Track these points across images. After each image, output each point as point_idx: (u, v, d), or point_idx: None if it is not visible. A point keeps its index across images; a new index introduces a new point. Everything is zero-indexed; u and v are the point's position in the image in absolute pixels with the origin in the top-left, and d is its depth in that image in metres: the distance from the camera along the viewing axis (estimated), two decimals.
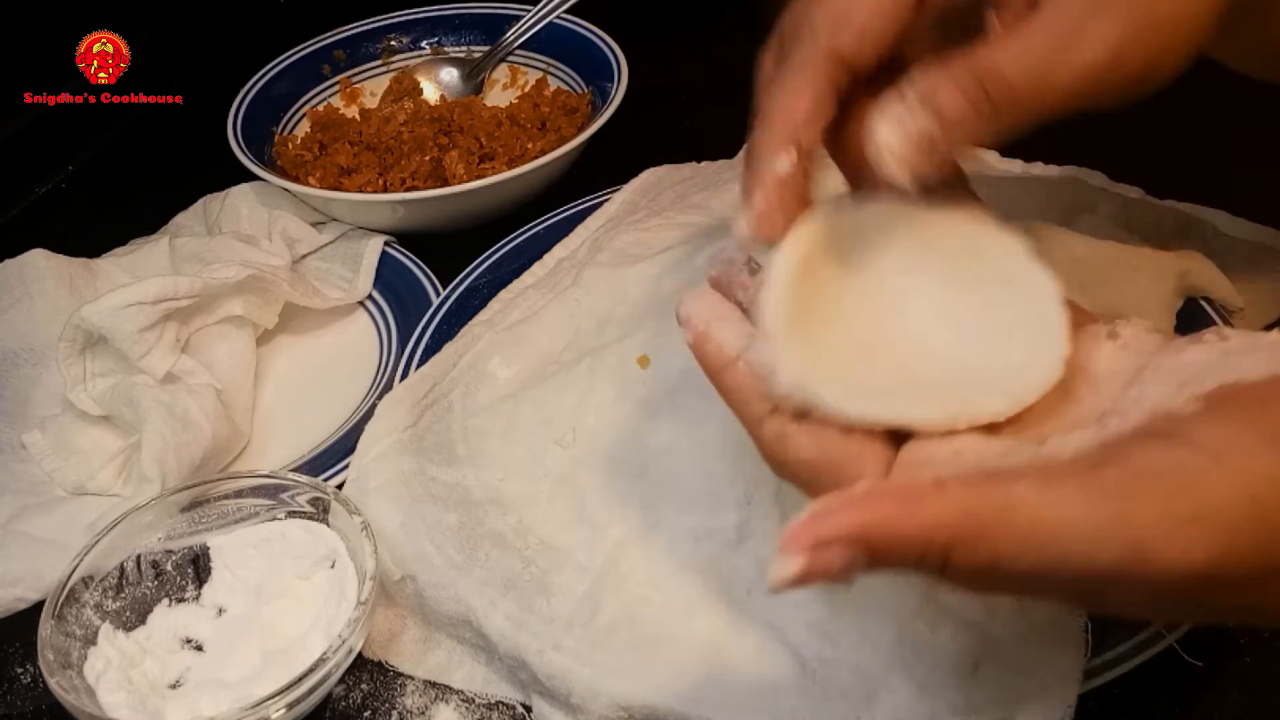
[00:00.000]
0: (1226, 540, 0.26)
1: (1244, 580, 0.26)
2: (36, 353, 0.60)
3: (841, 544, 0.26)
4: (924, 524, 0.26)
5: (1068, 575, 0.26)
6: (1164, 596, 0.28)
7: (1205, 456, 0.26)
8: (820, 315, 0.32)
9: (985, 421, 0.30)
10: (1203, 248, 0.59)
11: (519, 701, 0.44)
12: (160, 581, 0.47)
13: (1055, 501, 0.26)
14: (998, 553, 0.26)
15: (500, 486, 0.48)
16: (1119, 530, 0.26)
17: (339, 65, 0.80)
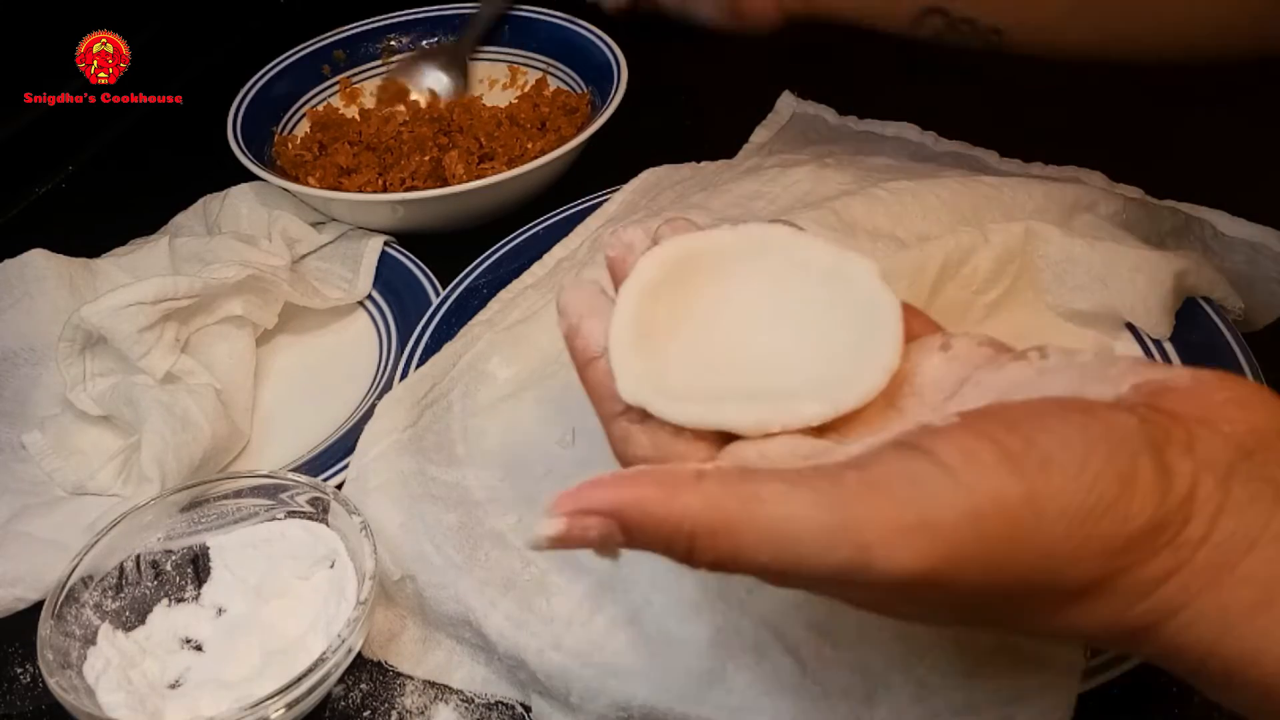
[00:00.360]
0: (946, 552, 0.26)
1: (966, 590, 0.27)
2: (36, 353, 0.60)
3: (599, 516, 0.28)
4: (674, 510, 0.28)
5: (804, 572, 0.28)
6: (892, 598, 0.29)
7: (940, 469, 0.27)
8: (665, 330, 0.35)
9: (801, 426, 0.32)
10: (1202, 248, 0.59)
11: (518, 701, 0.44)
12: (160, 581, 0.47)
13: (796, 501, 0.27)
14: (738, 545, 0.28)
15: (500, 486, 0.48)
16: (847, 534, 0.27)
17: (339, 65, 0.80)
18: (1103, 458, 0.27)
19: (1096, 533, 0.27)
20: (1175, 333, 0.52)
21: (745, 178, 0.63)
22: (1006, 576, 0.27)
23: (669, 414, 0.32)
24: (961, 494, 0.27)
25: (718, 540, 0.28)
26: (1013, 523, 0.26)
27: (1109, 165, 0.66)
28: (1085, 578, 0.27)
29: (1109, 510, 0.27)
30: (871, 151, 0.70)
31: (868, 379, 0.32)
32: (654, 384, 0.33)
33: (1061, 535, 0.26)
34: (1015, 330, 0.52)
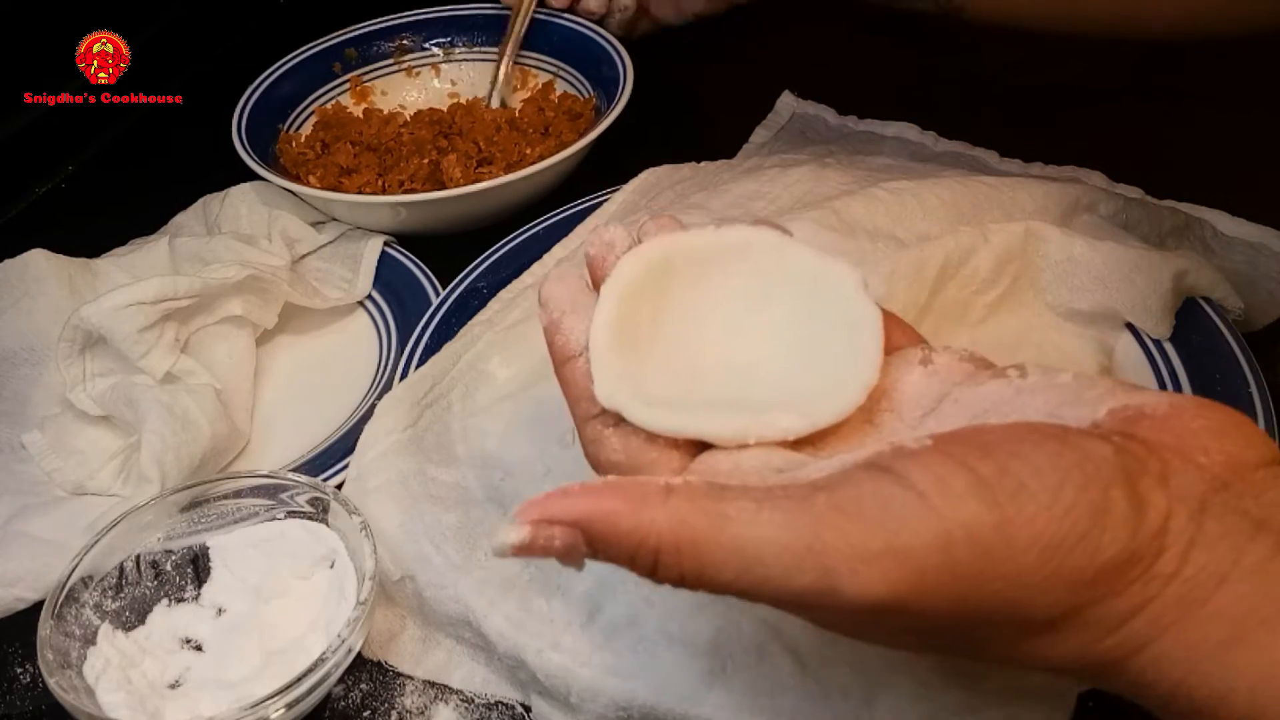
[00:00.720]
0: (913, 579, 0.26)
1: (934, 618, 0.27)
2: (36, 353, 0.60)
3: (564, 526, 0.28)
4: (640, 525, 0.28)
5: (769, 593, 0.27)
6: (859, 623, 0.29)
7: (911, 494, 0.27)
8: (645, 334, 0.34)
9: (776, 438, 0.31)
10: (1202, 248, 0.59)
11: (518, 701, 0.44)
12: (160, 581, 0.47)
13: (764, 521, 0.27)
14: (702, 563, 0.27)
15: (500, 486, 0.48)
16: (813, 557, 0.26)
17: (350, 63, 0.80)
18: (1076, 488, 0.27)
19: (1067, 564, 0.26)
20: (1175, 333, 0.52)
21: (745, 178, 0.63)
22: (975, 605, 0.27)
23: (644, 420, 0.32)
24: (932, 520, 0.26)
25: (682, 557, 0.28)
26: (983, 551, 0.26)
27: (1109, 165, 0.66)
28: (1054, 609, 0.27)
29: (1081, 541, 0.26)
30: (871, 151, 0.70)
31: (845, 395, 0.32)
32: (631, 388, 0.32)
33: (1032, 565, 0.26)
34: (1015, 330, 0.52)
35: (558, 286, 0.36)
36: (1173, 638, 0.27)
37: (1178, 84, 0.76)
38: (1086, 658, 0.28)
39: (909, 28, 0.89)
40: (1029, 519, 0.26)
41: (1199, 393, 0.49)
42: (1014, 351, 0.51)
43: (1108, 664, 0.28)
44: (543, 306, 0.36)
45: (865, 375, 0.32)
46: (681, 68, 0.85)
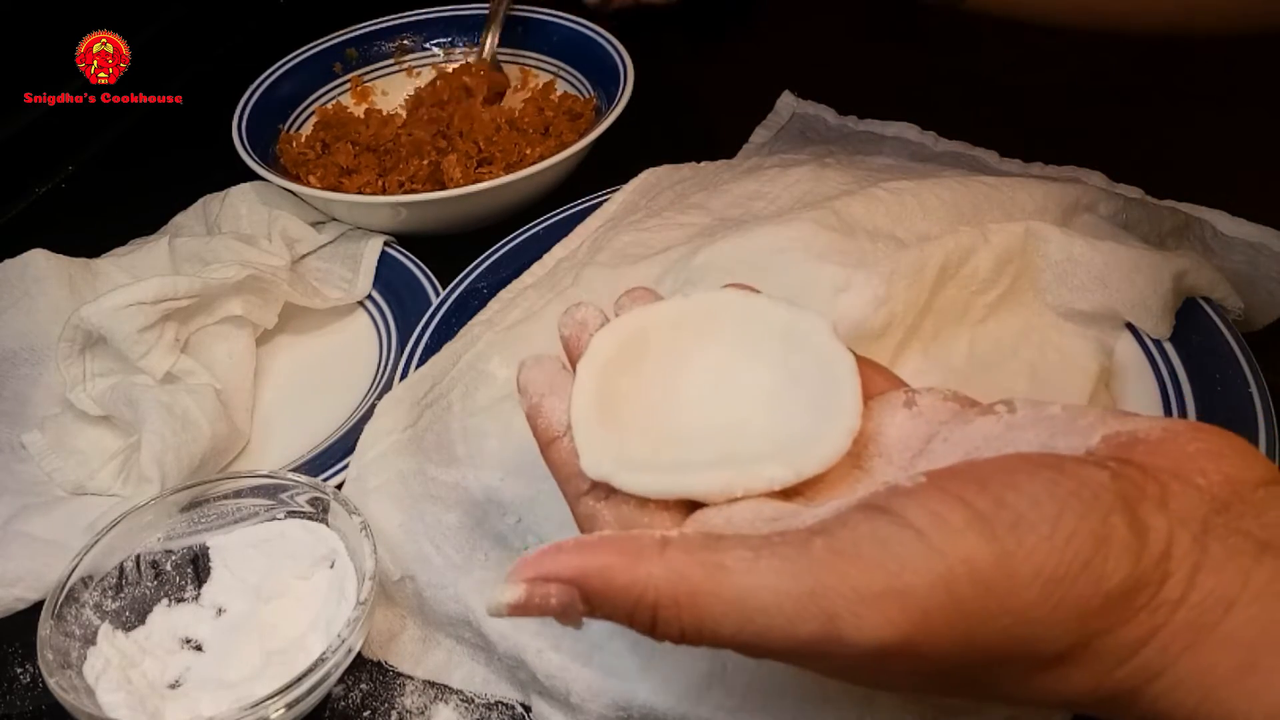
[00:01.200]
0: (918, 620, 0.26)
1: (941, 658, 0.27)
2: (36, 353, 0.60)
3: (560, 584, 0.28)
4: (637, 579, 0.27)
5: (772, 644, 0.27)
6: (865, 668, 0.28)
7: (910, 533, 0.26)
8: (625, 406, 0.35)
9: (764, 489, 0.31)
10: (1202, 248, 0.59)
11: (518, 701, 0.44)
12: (160, 581, 0.47)
13: (762, 570, 0.27)
14: (702, 616, 0.27)
15: (500, 486, 0.48)
16: (815, 603, 0.26)
17: (351, 63, 0.80)
18: (1076, 516, 0.26)
19: (1072, 594, 0.26)
20: (1175, 333, 0.52)
21: (745, 178, 0.63)
22: (981, 642, 0.26)
23: (631, 485, 0.32)
24: (932, 558, 0.26)
25: (681, 611, 0.27)
26: (986, 586, 0.26)
27: (1109, 165, 0.66)
28: (1062, 642, 0.27)
29: (1084, 570, 0.26)
30: (871, 151, 0.70)
31: (829, 442, 0.32)
32: (616, 457, 0.32)
33: (1036, 598, 0.26)
34: (1015, 330, 0.52)
35: (534, 371, 0.37)
36: (1185, 665, 0.26)
37: (1178, 84, 0.76)
38: (1100, 690, 0.27)
39: (909, 27, 0.89)
40: (1030, 551, 0.26)
41: (1199, 393, 0.49)
42: (1014, 352, 0.51)
43: (1122, 695, 0.27)
44: (521, 393, 0.36)
45: (848, 420, 0.32)
46: (681, 68, 0.85)
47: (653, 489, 0.31)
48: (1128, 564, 0.26)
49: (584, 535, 0.29)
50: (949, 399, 0.33)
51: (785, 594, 0.26)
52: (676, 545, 0.28)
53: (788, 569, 0.27)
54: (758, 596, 0.26)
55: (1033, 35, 0.84)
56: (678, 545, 0.28)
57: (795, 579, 0.26)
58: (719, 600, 0.27)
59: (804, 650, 0.27)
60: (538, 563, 0.28)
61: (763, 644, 0.27)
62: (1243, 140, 0.69)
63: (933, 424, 0.32)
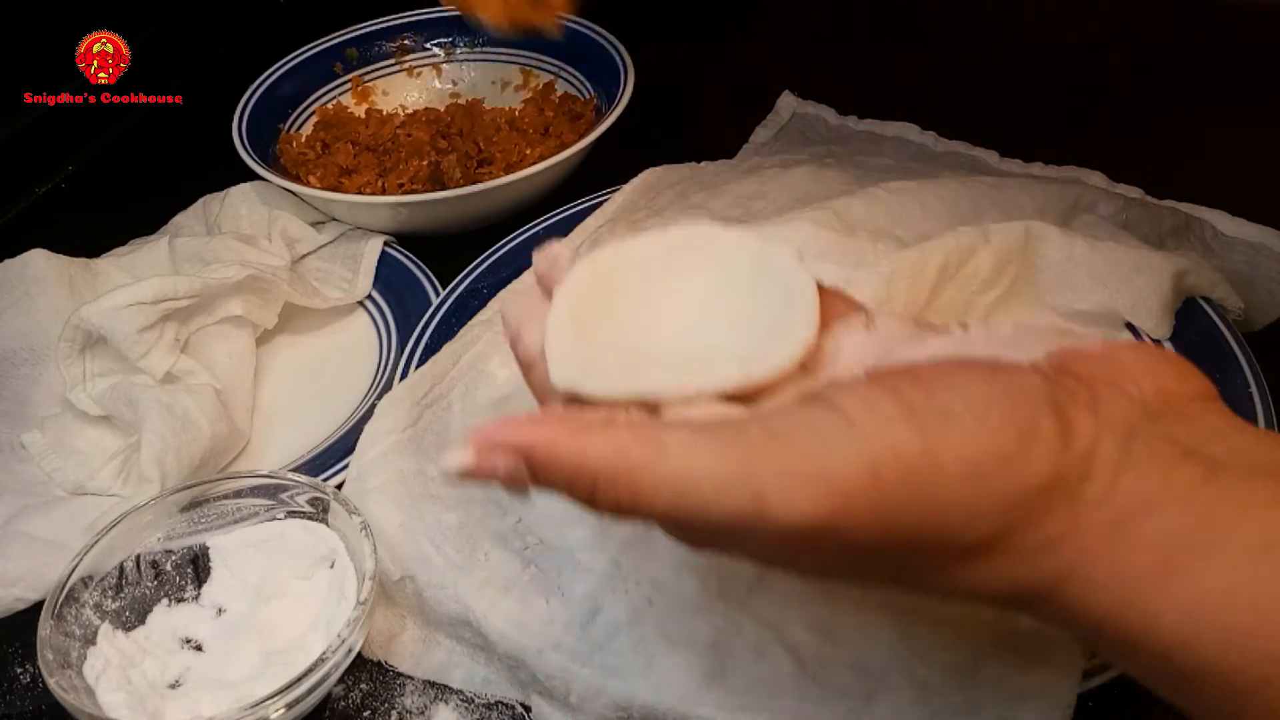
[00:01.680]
0: (840, 501, 0.26)
1: (862, 542, 0.27)
2: (36, 353, 0.60)
3: (508, 452, 0.29)
4: (578, 451, 0.28)
5: (701, 520, 0.28)
6: (789, 549, 0.29)
7: (841, 420, 0.27)
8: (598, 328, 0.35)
9: (717, 388, 0.32)
10: (1202, 248, 0.59)
11: (518, 701, 0.44)
12: (160, 581, 0.47)
13: (700, 449, 0.28)
14: (637, 491, 0.28)
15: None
16: (744, 481, 0.27)
17: (351, 64, 0.80)
18: (1003, 413, 0.27)
19: (993, 487, 0.27)
20: (1175, 332, 0.52)
21: (745, 178, 0.63)
22: (902, 529, 0.27)
23: (594, 389, 0.32)
24: (859, 443, 0.27)
25: (619, 484, 0.28)
26: (909, 474, 0.27)
27: (1109, 165, 0.66)
28: (982, 533, 0.27)
29: (1006, 464, 0.27)
30: (871, 151, 0.70)
31: (782, 350, 0.32)
32: (583, 369, 0.33)
33: (958, 488, 0.27)
34: None
35: (514, 301, 0.38)
36: (1102, 564, 0.27)
37: (1178, 84, 0.76)
38: (1016, 584, 0.28)
39: (909, 27, 0.89)
40: (955, 442, 0.27)
41: None
42: None
43: (1039, 591, 0.28)
44: (504, 324, 0.37)
45: (801, 332, 0.33)
46: (681, 68, 0.85)
47: (612, 390, 0.32)
48: (1050, 460, 0.27)
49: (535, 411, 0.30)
50: (908, 321, 0.34)
51: (717, 471, 0.27)
52: (621, 422, 0.29)
53: (723, 448, 0.28)
54: (692, 472, 0.27)
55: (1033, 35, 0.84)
56: (622, 424, 0.29)
57: (729, 459, 0.27)
58: (654, 476, 0.28)
59: (731, 526, 0.28)
60: (489, 432, 0.29)
61: (693, 520, 0.28)
62: (1244, 140, 0.69)
63: (889, 343, 0.33)
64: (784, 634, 0.40)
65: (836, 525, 0.27)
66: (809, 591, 0.41)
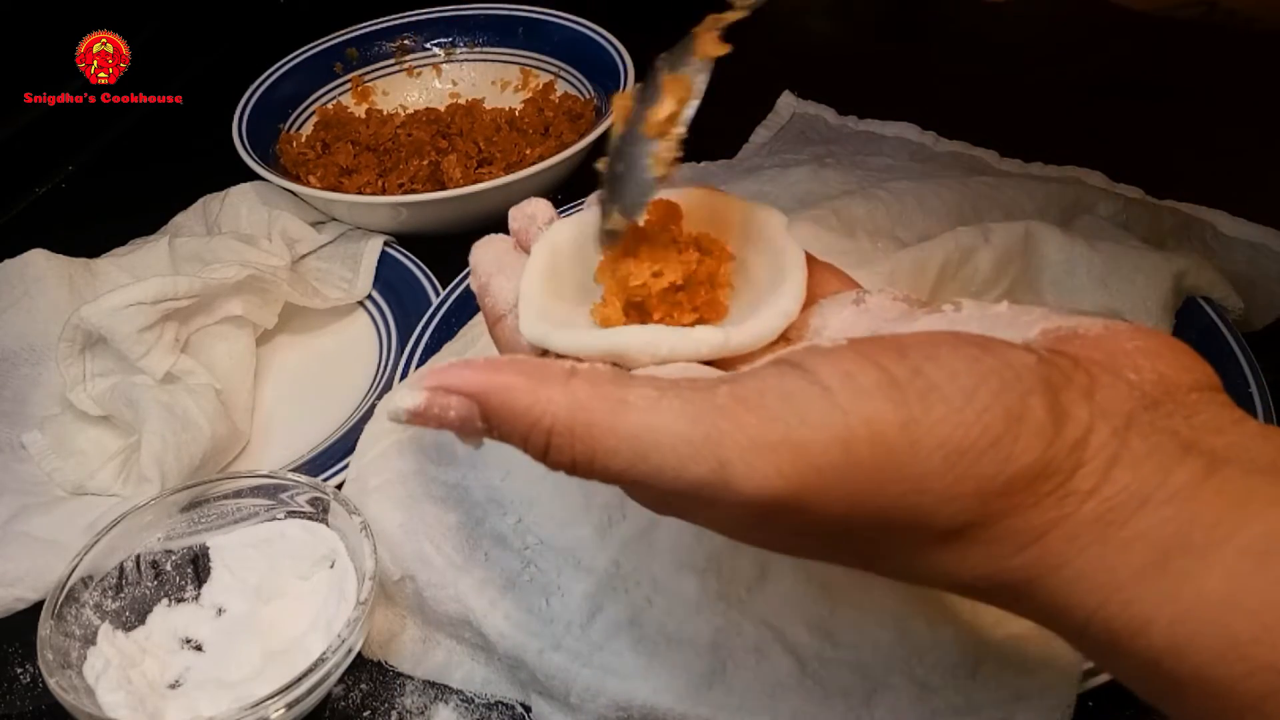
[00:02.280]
0: (809, 475, 0.25)
1: (830, 519, 0.26)
2: (36, 353, 0.60)
3: (461, 397, 0.27)
4: (536, 402, 0.27)
5: (661, 484, 0.26)
6: (752, 522, 0.28)
7: (816, 389, 0.26)
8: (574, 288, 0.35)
9: (691, 353, 0.31)
10: (1202, 248, 0.59)
11: (518, 701, 0.44)
12: (160, 581, 0.47)
13: (663, 409, 0.26)
14: (595, 449, 0.26)
15: (500, 486, 0.48)
16: (709, 447, 0.25)
17: (351, 63, 0.80)
18: (991, 393, 0.25)
19: (975, 470, 0.25)
20: (1175, 332, 0.52)
21: (745, 178, 0.63)
22: (874, 507, 0.26)
23: (563, 344, 0.31)
24: (834, 415, 0.25)
25: (575, 441, 0.27)
26: (885, 450, 0.25)
27: (1109, 165, 0.66)
28: (959, 517, 0.26)
29: (991, 447, 0.25)
30: (871, 151, 0.70)
31: (763, 321, 0.31)
32: (554, 323, 0.32)
33: (936, 469, 0.25)
34: None
35: (484, 250, 0.36)
36: (1089, 559, 0.25)
37: (1178, 84, 0.76)
38: (996, 575, 0.27)
39: (910, 27, 0.89)
40: (937, 420, 0.25)
41: None
42: None
43: (1019, 584, 0.26)
44: (472, 271, 0.36)
45: (784, 305, 0.32)
46: None
47: (583, 345, 0.31)
48: (1038, 447, 0.25)
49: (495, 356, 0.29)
50: (898, 299, 0.32)
51: (680, 435, 0.26)
52: (583, 375, 0.27)
53: (688, 410, 0.26)
54: (653, 434, 0.26)
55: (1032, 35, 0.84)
56: (584, 376, 0.27)
57: (694, 421, 0.26)
58: (614, 435, 0.26)
59: (691, 493, 0.26)
60: (443, 374, 0.27)
61: (651, 483, 0.26)
62: (1243, 140, 0.69)
63: (878, 320, 0.31)
64: (784, 634, 0.40)
65: (803, 500, 0.25)
66: (809, 591, 0.41)
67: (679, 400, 0.26)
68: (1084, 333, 0.28)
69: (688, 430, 0.26)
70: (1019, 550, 0.26)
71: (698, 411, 0.26)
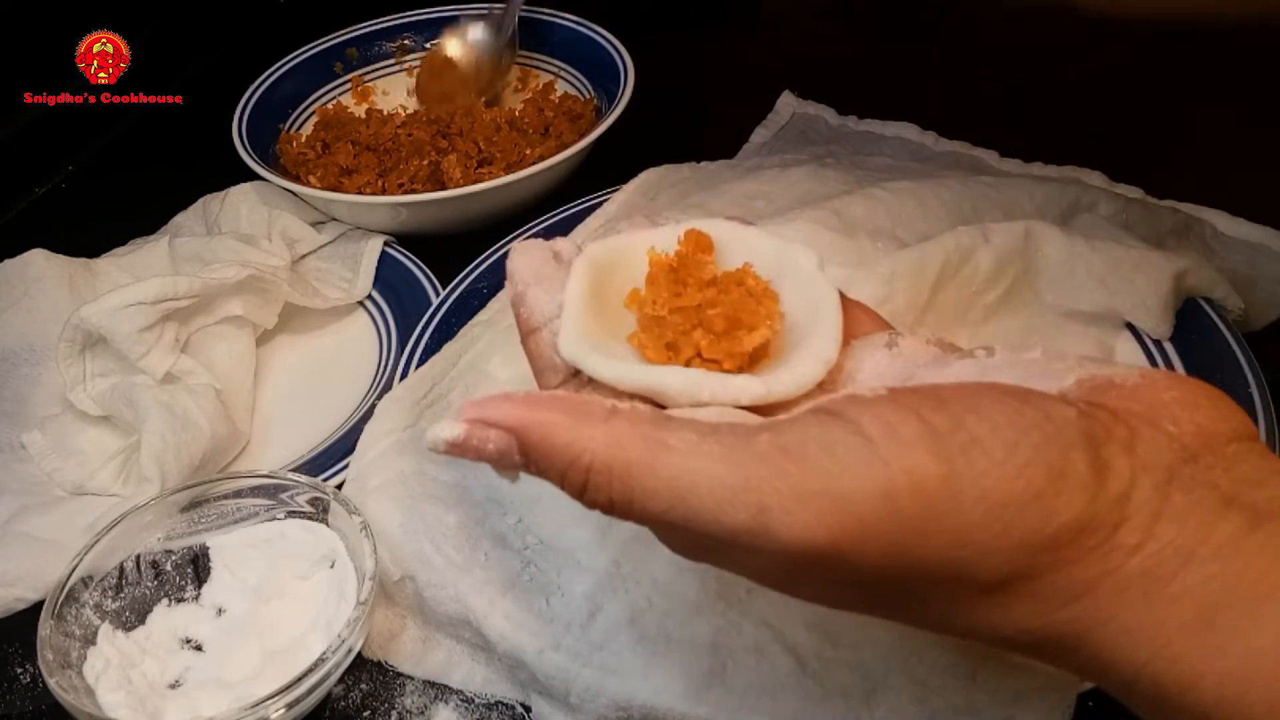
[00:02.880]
0: (851, 525, 0.25)
1: (870, 570, 0.26)
2: (36, 353, 0.60)
3: (500, 431, 0.27)
4: (576, 440, 0.27)
5: (699, 529, 0.26)
6: (791, 571, 0.27)
7: (858, 440, 0.26)
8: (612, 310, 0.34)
9: (732, 399, 0.31)
10: (1202, 248, 0.59)
11: (518, 701, 0.44)
12: (160, 581, 0.47)
13: (703, 453, 0.26)
14: (633, 489, 0.26)
15: (500, 486, 0.48)
16: (749, 493, 0.25)
17: (351, 63, 0.80)
18: (1033, 446, 0.25)
19: (1017, 524, 0.25)
20: (1175, 332, 0.52)
21: (745, 178, 0.63)
22: (915, 559, 0.26)
23: (601, 371, 0.31)
24: (876, 466, 0.25)
25: (614, 480, 0.27)
26: (926, 502, 0.25)
27: (1109, 165, 0.66)
28: (1003, 571, 0.26)
29: (1033, 502, 0.25)
30: (871, 151, 0.70)
31: (804, 368, 0.31)
32: (594, 346, 0.32)
33: (978, 522, 0.25)
34: (1015, 330, 0.52)
35: (523, 258, 0.36)
36: (1136, 615, 0.25)
37: (1178, 84, 0.76)
38: (1042, 630, 0.27)
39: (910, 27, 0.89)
40: (979, 474, 0.25)
41: None
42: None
43: (1065, 637, 0.26)
44: (509, 279, 0.36)
45: (824, 351, 0.32)
46: (681, 68, 0.85)
47: (622, 378, 0.31)
48: (1082, 501, 0.25)
49: (536, 391, 0.29)
50: (931, 343, 0.32)
51: (720, 480, 0.26)
52: (624, 415, 0.27)
53: (729, 456, 0.26)
54: (693, 478, 0.26)
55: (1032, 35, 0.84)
56: (625, 415, 0.27)
57: (734, 466, 0.26)
58: (653, 476, 0.26)
59: (730, 540, 0.26)
60: (484, 406, 0.28)
61: (690, 527, 0.26)
62: (1243, 140, 0.69)
63: (911, 365, 0.31)
64: (784, 634, 0.40)
65: (842, 550, 0.25)
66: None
67: (719, 446, 0.26)
68: (1120, 382, 0.28)
69: (728, 475, 0.26)
70: (1065, 604, 0.26)
71: (738, 457, 0.26)
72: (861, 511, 0.25)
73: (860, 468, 0.25)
